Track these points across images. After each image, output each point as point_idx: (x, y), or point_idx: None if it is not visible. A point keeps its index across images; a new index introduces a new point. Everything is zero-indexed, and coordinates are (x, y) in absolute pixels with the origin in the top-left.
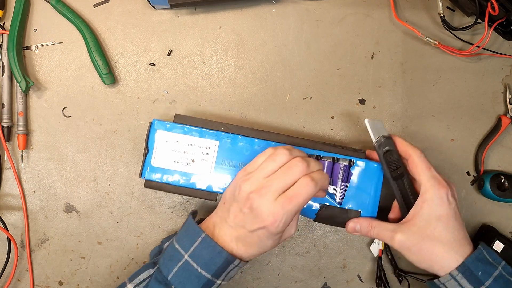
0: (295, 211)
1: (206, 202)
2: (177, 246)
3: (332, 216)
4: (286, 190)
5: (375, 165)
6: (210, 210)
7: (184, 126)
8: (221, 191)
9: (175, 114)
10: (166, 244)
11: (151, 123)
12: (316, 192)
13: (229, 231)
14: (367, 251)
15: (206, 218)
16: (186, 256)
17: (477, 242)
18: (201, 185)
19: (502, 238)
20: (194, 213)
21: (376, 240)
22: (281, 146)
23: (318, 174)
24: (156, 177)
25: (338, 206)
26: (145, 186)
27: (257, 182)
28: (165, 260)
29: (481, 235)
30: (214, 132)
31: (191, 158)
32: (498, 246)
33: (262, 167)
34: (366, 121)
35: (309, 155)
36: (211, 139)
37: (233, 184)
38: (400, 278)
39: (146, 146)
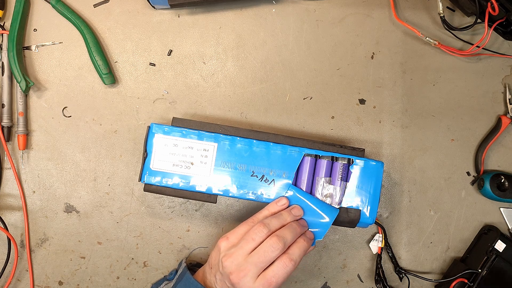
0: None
1: (205, 204)
2: None
3: None
4: (266, 268)
5: (374, 163)
6: (210, 213)
7: (182, 129)
8: (221, 193)
9: (173, 118)
10: None
11: (149, 127)
12: (294, 269)
13: None
14: (367, 251)
15: (199, 272)
16: None
17: None
18: (200, 187)
19: (504, 238)
20: (186, 263)
21: (375, 237)
22: (259, 224)
23: (296, 248)
24: (155, 180)
25: (337, 210)
26: (144, 190)
27: (237, 261)
28: None
29: (483, 234)
30: (212, 134)
31: (190, 161)
32: (500, 246)
33: (242, 245)
34: None
35: (309, 155)
36: (209, 142)
37: (216, 252)
38: (401, 276)
39: (145, 150)
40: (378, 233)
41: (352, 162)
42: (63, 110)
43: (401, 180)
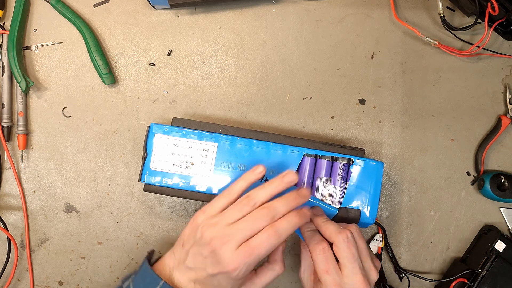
0: (256, 261)
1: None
2: None
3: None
4: (249, 238)
5: (374, 163)
6: None
7: (182, 129)
8: None
9: (173, 118)
10: (128, 285)
11: (149, 127)
12: (280, 243)
13: (188, 273)
14: None
15: (160, 260)
16: None
17: None
18: (200, 187)
19: (504, 238)
20: (150, 254)
21: (375, 237)
22: (245, 197)
23: (284, 222)
24: (155, 180)
25: (336, 210)
26: (144, 190)
27: (220, 228)
28: None
29: (483, 234)
30: (213, 134)
31: (190, 161)
32: (500, 245)
33: (227, 215)
34: None
35: (309, 155)
36: (209, 142)
37: (192, 227)
38: (401, 276)
39: (145, 150)
40: (378, 233)
41: (352, 162)
42: (63, 110)
43: (401, 180)
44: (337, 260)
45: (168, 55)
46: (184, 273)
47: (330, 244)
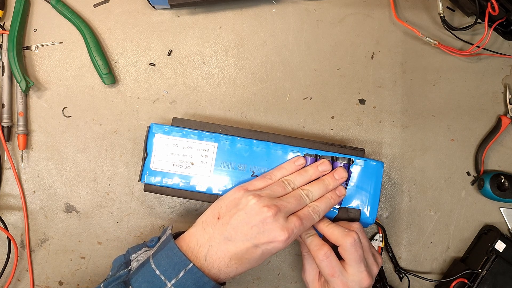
0: (301, 232)
1: (205, 204)
2: (157, 272)
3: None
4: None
5: (374, 163)
6: None
7: (182, 129)
8: (221, 193)
9: (173, 118)
10: (136, 258)
11: (149, 127)
12: (317, 220)
13: (225, 247)
14: None
15: (185, 236)
16: (169, 285)
17: None
18: (200, 187)
19: (504, 238)
20: (171, 230)
21: (375, 237)
22: (286, 180)
23: (322, 203)
24: (155, 180)
25: (336, 210)
26: (144, 190)
27: (269, 200)
28: (141, 284)
29: (483, 234)
30: (213, 134)
31: (190, 161)
32: (500, 245)
33: (272, 189)
34: None
35: (309, 155)
36: (209, 142)
37: (232, 199)
38: (401, 276)
39: (145, 150)
40: (378, 233)
41: (352, 162)
42: (63, 110)
43: (401, 180)
44: (339, 254)
45: (168, 55)
46: (220, 247)
47: (330, 244)
